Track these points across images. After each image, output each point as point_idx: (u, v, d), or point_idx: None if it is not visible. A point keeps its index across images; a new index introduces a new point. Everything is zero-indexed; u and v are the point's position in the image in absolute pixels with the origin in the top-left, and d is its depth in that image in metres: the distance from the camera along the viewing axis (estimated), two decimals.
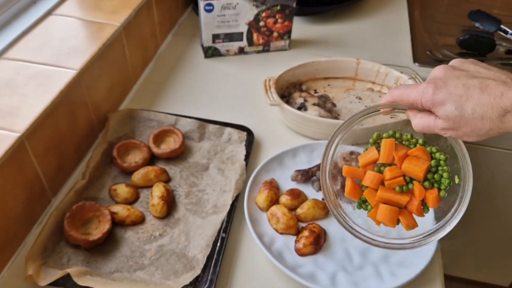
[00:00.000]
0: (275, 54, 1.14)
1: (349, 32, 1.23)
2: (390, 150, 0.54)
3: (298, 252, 0.70)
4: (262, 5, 1.04)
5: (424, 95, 0.50)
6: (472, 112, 0.48)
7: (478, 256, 1.53)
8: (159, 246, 0.70)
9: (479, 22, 1.24)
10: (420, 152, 0.55)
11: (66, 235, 0.68)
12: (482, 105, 0.47)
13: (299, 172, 0.81)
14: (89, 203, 0.71)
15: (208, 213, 0.75)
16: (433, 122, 0.51)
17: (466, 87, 0.48)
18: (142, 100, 0.99)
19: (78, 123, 0.81)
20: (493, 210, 1.37)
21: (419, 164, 0.54)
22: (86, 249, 0.69)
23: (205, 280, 0.65)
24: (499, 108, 0.46)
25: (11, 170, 0.65)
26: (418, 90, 0.50)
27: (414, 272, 0.67)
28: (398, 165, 0.54)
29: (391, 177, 0.54)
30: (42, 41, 0.82)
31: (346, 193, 0.58)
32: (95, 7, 0.93)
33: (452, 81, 0.49)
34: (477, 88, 0.48)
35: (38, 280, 0.62)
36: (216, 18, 1.04)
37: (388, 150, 0.54)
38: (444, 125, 0.50)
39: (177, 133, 0.85)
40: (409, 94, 0.52)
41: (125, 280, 0.64)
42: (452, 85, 0.49)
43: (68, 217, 0.69)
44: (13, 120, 0.67)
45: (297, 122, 0.89)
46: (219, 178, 0.81)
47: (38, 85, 0.74)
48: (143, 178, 0.78)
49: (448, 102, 0.48)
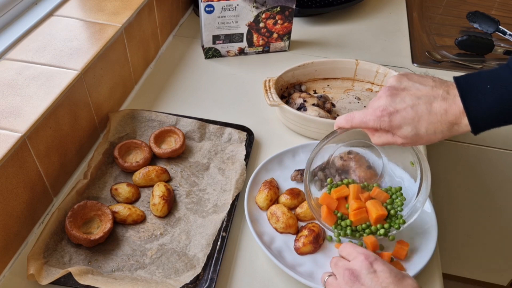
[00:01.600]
0: (275, 55, 1.15)
1: (348, 33, 1.24)
2: (357, 191, 0.72)
3: (298, 251, 0.71)
4: (262, 6, 1.05)
5: (381, 123, 0.58)
6: (426, 130, 0.56)
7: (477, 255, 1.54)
8: (160, 245, 0.71)
9: (477, 23, 1.25)
10: (378, 191, 0.73)
11: (67, 234, 0.69)
12: (432, 124, 0.56)
13: (299, 171, 0.81)
14: (90, 202, 0.72)
15: (208, 212, 0.76)
16: (391, 139, 0.60)
17: (414, 109, 0.56)
18: (143, 100, 0.99)
19: (79, 123, 0.81)
20: (491, 210, 1.37)
21: (376, 208, 0.70)
22: (87, 248, 0.69)
23: (206, 279, 0.66)
24: (446, 123, 0.55)
25: (13, 169, 0.65)
26: (375, 119, 0.59)
27: (413, 271, 0.67)
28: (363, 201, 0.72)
29: (356, 208, 0.71)
30: (43, 42, 0.83)
31: (323, 218, 0.71)
32: (96, 8, 0.93)
33: (401, 105, 0.57)
34: (424, 109, 0.56)
35: (40, 279, 0.63)
36: (216, 19, 1.05)
37: (355, 191, 0.72)
38: (403, 141, 0.59)
39: (178, 133, 0.86)
40: (367, 122, 0.60)
41: (126, 279, 0.65)
42: (403, 110, 0.57)
43: (69, 216, 0.69)
44: (15, 120, 0.68)
45: (296, 122, 0.90)
46: (220, 177, 0.81)
47: (40, 85, 0.74)
48: (144, 178, 0.79)
49: (404, 126, 0.57)
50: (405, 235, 0.73)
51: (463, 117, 0.54)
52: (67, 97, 0.75)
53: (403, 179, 0.75)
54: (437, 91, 0.56)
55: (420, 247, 0.71)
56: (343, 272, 0.56)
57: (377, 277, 0.54)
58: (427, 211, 0.76)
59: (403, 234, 0.73)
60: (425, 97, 0.56)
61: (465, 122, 0.54)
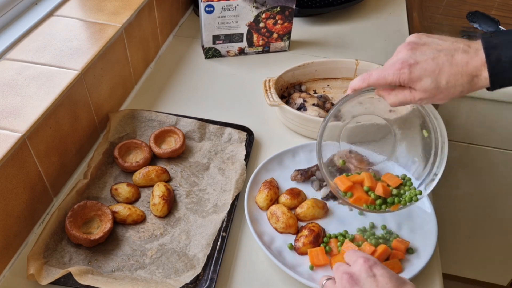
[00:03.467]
0: (275, 55, 1.15)
1: (348, 33, 1.24)
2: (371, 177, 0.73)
3: (298, 251, 0.71)
4: (262, 6, 1.05)
5: (401, 76, 0.57)
6: (447, 82, 0.56)
7: (477, 255, 1.54)
8: (160, 245, 0.71)
9: (477, 23, 1.25)
10: (390, 175, 0.73)
11: (67, 234, 0.69)
12: (453, 75, 0.55)
13: (299, 171, 0.81)
14: (90, 202, 0.72)
15: (208, 212, 0.76)
16: (409, 95, 0.58)
17: (435, 61, 0.55)
18: (143, 100, 0.99)
19: (79, 123, 0.81)
20: (491, 210, 1.37)
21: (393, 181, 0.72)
22: (87, 248, 0.69)
23: (206, 279, 0.66)
24: (467, 75, 0.55)
25: (13, 169, 0.65)
26: (395, 72, 0.57)
27: (413, 271, 0.67)
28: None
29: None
30: (43, 42, 0.83)
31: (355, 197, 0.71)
32: (96, 8, 0.93)
33: (422, 57, 0.56)
34: (445, 61, 0.55)
35: (40, 279, 0.63)
36: (216, 20, 1.05)
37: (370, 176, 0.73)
38: (421, 96, 0.57)
39: (178, 133, 0.86)
40: (385, 77, 0.58)
41: (126, 279, 0.65)
42: (423, 62, 0.56)
43: (69, 216, 0.69)
44: (15, 120, 0.68)
45: (296, 122, 0.90)
46: (220, 177, 0.81)
47: (40, 85, 0.74)
48: (144, 178, 0.79)
49: (424, 77, 0.56)
50: (405, 235, 0.73)
51: (483, 69, 0.54)
52: (67, 97, 0.75)
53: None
54: (458, 45, 0.56)
55: (420, 247, 0.71)
56: (342, 275, 0.55)
57: (377, 281, 0.53)
58: (427, 211, 0.76)
59: (403, 233, 0.73)
60: (446, 50, 0.56)
61: (485, 74, 0.54)
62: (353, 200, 0.70)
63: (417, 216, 0.76)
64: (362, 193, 0.71)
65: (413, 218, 0.76)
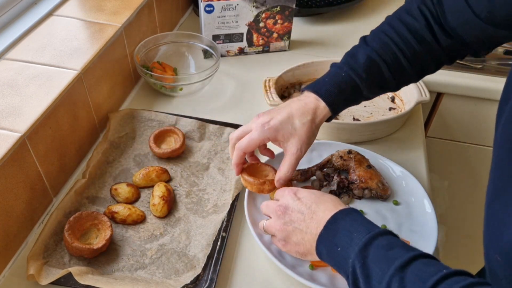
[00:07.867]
0: (275, 54, 1.15)
1: (348, 33, 1.24)
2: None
3: None
4: (262, 6, 1.05)
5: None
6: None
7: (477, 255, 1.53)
8: (160, 245, 0.71)
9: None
10: None
11: (68, 248, 0.67)
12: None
13: (299, 171, 0.81)
14: (85, 212, 0.70)
15: (208, 212, 0.76)
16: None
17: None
18: (143, 100, 0.99)
19: (79, 123, 0.81)
20: None
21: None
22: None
23: (206, 279, 0.66)
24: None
25: (13, 169, 0.65)
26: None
27: None
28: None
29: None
30: (43, 42, 0.83)
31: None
32: (96, 8, 0.93)
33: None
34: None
35: (40, 279, 0.63)
36: (216, 19, 1.05)
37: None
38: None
39: (178, 133, 0.86)
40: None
41: (126, 279, 0.65)
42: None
43: (67, 229, 0.67)
44: (15, 120, 0.68)
45: None
46: (220, 177, 0.81)
47: (40, 85, 0.74)
48: (144, 178, 0.79)
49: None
50: (405, 235, 0.73)
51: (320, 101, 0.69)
52: (66, 97, 0.75)
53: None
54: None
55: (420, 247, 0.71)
56: (274, 209, 0.63)
57: (302, 202, 0.62)
58: (427, 211, 0.76)
59: (403, 233, 0.73)
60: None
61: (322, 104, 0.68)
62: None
63: (417, 216, 0.76)
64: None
65: (413, 218, 0.76)
